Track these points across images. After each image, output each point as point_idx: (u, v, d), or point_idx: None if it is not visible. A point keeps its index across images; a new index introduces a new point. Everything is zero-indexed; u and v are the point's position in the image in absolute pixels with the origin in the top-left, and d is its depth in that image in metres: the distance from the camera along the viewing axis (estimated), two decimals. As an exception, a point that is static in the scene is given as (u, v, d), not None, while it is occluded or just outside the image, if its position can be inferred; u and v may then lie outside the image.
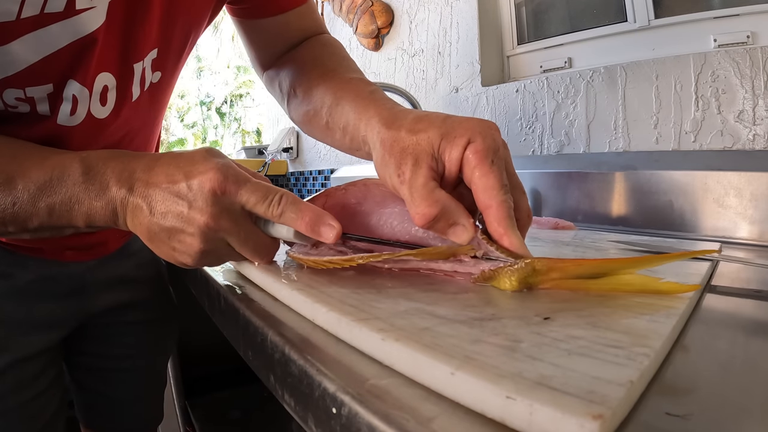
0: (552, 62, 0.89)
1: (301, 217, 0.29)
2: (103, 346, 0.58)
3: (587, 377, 0.15)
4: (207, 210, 0.29)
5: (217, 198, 0.29)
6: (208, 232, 0.29)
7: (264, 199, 0.30)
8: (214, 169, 0.29)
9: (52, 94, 0.36)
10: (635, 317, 0.21)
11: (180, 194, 0.29)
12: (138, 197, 0.30)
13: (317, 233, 0.29)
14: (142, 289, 0.60)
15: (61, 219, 0.32)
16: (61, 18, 0.32)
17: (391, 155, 0.31)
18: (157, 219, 0.30)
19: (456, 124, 0.29)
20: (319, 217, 0.29)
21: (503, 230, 0.27)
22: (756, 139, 0.56)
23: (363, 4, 1.30)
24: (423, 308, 0.23)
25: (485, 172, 0.27)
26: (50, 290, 0.49)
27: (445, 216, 0.28)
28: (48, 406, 0.50)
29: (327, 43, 0.52)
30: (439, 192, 0.28)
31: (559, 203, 0.72)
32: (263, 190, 0.30)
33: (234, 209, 0.30)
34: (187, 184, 0.29)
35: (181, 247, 0.30)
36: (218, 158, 0.30)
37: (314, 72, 0.45)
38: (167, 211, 0.29)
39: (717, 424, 0.15)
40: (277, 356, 0.24)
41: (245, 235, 0.31)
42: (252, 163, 1.82)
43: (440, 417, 0.16)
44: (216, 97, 12.45)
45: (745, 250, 0.49)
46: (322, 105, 0.42)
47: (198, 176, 0.29)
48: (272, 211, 0.30)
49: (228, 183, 0.29)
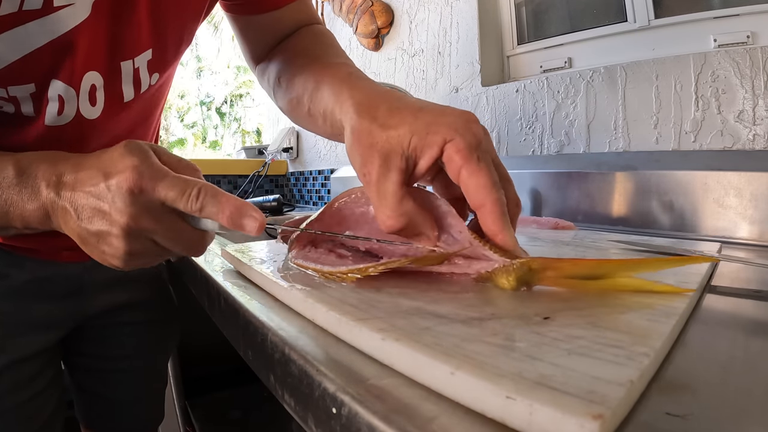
0: (552, 62, 0.89)
1: (221, 210, 0.28)
2: (103, 346, 0.58)
3: (587, 377, 0.15)
4: (126, 211, 0.28)
5: (135, 197, 0.28)
6: (131, 233, 0.28)
7: (182, 194, 0.28)
8: (130, 168, 0.28)
9: (35, 94, 0.36)
10: (635, 317, 0.21)
11: (101, 196, 0.28)
12: (65, 201, 0.29)
13: (240, 226, 0.28)
14: (141, 290, 0.59)
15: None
16: (39, 15, 0.32)
17: (358, 147, 0.30)
18: (84, 223, 0.29)
19: (430, 120, 0.28)
20: (240, 209, 0.28)
21: (498, 229, 0.26)
22: (756, 139, 0.56)
23: (363, 4, 1.30)
24: (423, 308, 0.23)
25: (473, 170, 0.26)
26: (47, 291, 0.49)
27: (410, 227, 0.28)
28: (46, 407, 0.50)
29: (317, 32, 0.51)
30: (407, 203, 0.28)
31: (559, 203, 0.72)
32: (181, 185, 0.28)
33: (154, 207, 0.29)
34: (106, 184, 0.28)
35: (109, 250, 0.29)
36: (136, 154, 0.29)
37: (298, 60, 0.44)
38: (92, 215, 0.29)
39: (717, 424, 0.15)
40: (277, 356, 0.24)
41: (171, 232, 0.29)
42: (252, 163, 1.82)
43: (440, 417, 0.16)
44: (216, 97, 12.45)
45: (745, 250, 0.49)
46: (304, 91, 0.41)
47: (116, 176, 0.28)
48: (191, 205, 0.28)
49: (144, 180, 0.28)
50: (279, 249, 0.42)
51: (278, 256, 0.38)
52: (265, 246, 0.44)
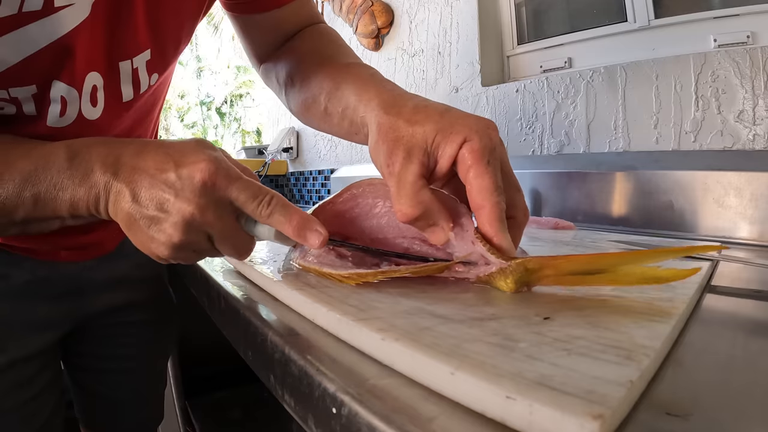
0: (552, 62, 0.89)
1: (289, 220, 0.29)
2: (102, 347, 0.58)
3: (587, 377, 0.15)
4: (194, 200, 0.28)
5: (207, 190, 0.28)
6: (192, 223, 0.28)
7: (254, 198, 0.29)
8: (206, 161, 0.28)
9: (36, 95, 0.36)
10: (635, 317, 0.21)
11: (168, 182, 0.28)
12: (122, 182, 0.29)
13: (303, 238, 0.29)
14: (141, 290, 0.59)
15: (46, 209, 0.31)
16: (40, 17, 0.32)
17: (384, 142, 0.30)
18: (140, 206, 0.29)
19: (454, 120, 0.29)
20: (307, 222, 0.29)
21: (494, 232, 0.27)
22: (756, 139, 0.56)
23: (363, 4, 1.30)
24: (423, 308, 0.23)
25: (480, 172, 0.27)
26: (46, 291, 0.49)
27: (425, 216, 0.28)
28: (45, 407, 0.50)
29: (324, 32, 0.51)
30: (425, 193, 0.28)
31: (559, 203, 0.72)
32: (254, 189, 0.29)
33: (222, 204, 0.29)
34: (177, 173, 0.28)
35: (160, 237, 0.29)
36: (210, 150, 0.30)
37: (312, 61, 0.45)
38: (152, 198, 0.28)
39: (717, 424, 0.15)
40: (277, 356, 0.24)
41: (228, 231, 0.30)
42: (252, 163, 1.82)
43: (440, 417, 0.16)
44: (216, 97, 12.45)
45: (745, 250, 0.49)
46: (321, 91, 0.42)
47: (188, 166, 0.28)
48: (261, 211, 0.29)
49: (219, 176, 0.28)
50: (279, 249, 0.42)
51: (278, 256, 0.38)
52: (265, 246, 0.44)
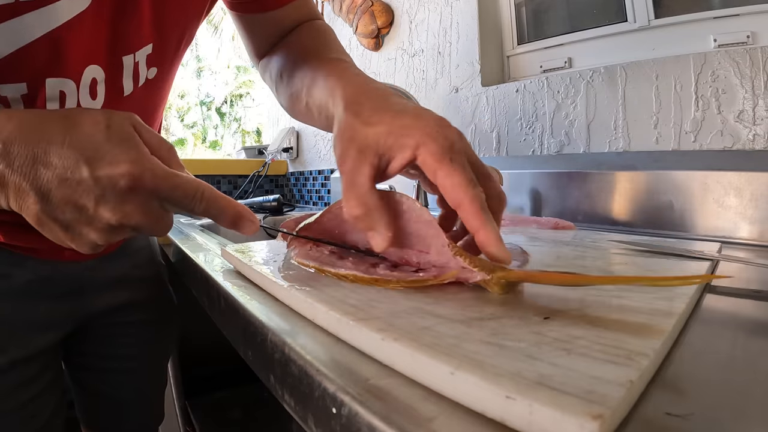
0: (552, 62, 0.89)
1: (223, 215, 0.29)
2: (103, 346, 0.58)
3: (587, 377, 0.15)
4: (119, 209, 0.26)
5: (132, 196, 0.26)
6: (117, 227, 0.27)
7: (185, 197, 0.28)
8: (127, 162, 0.25)
9: (27, 96, 0.35)
10: (635, 317, 0.21)
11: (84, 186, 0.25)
12: (21, 176, 0.25)
13: (238, 228, 0.30)
14: (141, 290, 0.59)
15: None
16: (37, 6, 0.32)
17: (340, 141, 0.31)
18: (52, 208, 0.26)
19: (407, 123, 0.29)
20: (240, 215, 0.30)
21: (478, 224, 0.26)
22: (756, 139, 0.56)
23: (363, 4, 1.30)
24: (422, 308, 0.23)
25: (447, 172, 0.27)
26: (48, 290, 0.49)
27: (367, 219, 0.29)
28: (46, 408, 0.50)
29: (317, 28, 0.52)
30: (371, 195, 0.29)
31: (559, 203, 0.72)
32: (183, 188, 0.28)
33: (148, 204, 0.27)
34: (93, 176, 0.25)
35: (81, 240, 0.28)
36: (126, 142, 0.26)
37: (298, 56, 0.46)
38: (66, 202, 0.25)
39: (717, 424, 0.15)
40: (277, 356, 0.24)
41: (154, 221, 0.28)
42: (252, 163, 1.82)
43: (440, 417, 0.16)
44: (216, 97, 12.45)
45: (745, 250, 0.49)
46: (302, 86, 0.42)
47: (106, 169, 0.25)
48: (194, 208, 0.28)
49: (145, 179, 0.26)
50: (279, 249, 0.42)
51: (278, 256, 0.38)
52: (265, 246, 0.44)
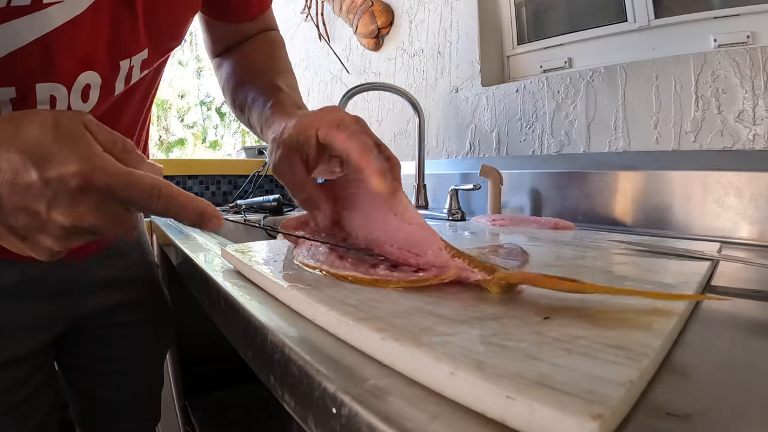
0: (552, 62, 0.89)
1: (184, 214, 0.28)
2: (97, 347, 0.58)
3: (587, 377, 0.15)
4: (72, 212, 0.25)
5: (84, 197, 0.25)
6: (73, 230, 0.26)
7: (141, 196, 0.26)
8: (77, 161, 0.24)
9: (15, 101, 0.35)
10: (635, 316, 0.21)
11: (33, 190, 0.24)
12: None
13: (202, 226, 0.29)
14: (134, 290, 0.59)
15: None
16: (28, 12, 0.32)
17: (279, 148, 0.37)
18: (5, 217, 0.25)
19: (311, 118, 0.36)
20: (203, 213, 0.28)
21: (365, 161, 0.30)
22: (756, 139, 0.56)
23: (363, 4, 1.30)
24: (423, 308, 0.23)
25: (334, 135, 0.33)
26: (37, 291, 0.48)
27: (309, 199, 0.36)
28: (39, 408, 0.50)
29: (270, 40, 0.58)
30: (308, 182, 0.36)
31: (559, 203, 0.72)
32: (138, 186, 0.26)
33: (103, 204, 0.26)
34: (42, 178, 0.24)
35: (37, 247, 0.27)
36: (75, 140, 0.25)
37: (244, 72, 0.52)
38: (17, 209, 0.24)
39: (717, 424, 0.15)
40: (277, 356, 0.24)
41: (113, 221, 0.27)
42: (252, 163, 1.82)
43: (440, 417, 0.15)
44: (216, 97, 12.44)
45: (745, 250, 0.49)
46: (245, 103, 0.49)
47: (55, 169, 0.24)
48: (152, 207, 0.26)
49: (96, 178, 0.24)
50: (279, 249, 0.42)
51: (278, 256, 0.38)
52: (265, 246, 0.44)
